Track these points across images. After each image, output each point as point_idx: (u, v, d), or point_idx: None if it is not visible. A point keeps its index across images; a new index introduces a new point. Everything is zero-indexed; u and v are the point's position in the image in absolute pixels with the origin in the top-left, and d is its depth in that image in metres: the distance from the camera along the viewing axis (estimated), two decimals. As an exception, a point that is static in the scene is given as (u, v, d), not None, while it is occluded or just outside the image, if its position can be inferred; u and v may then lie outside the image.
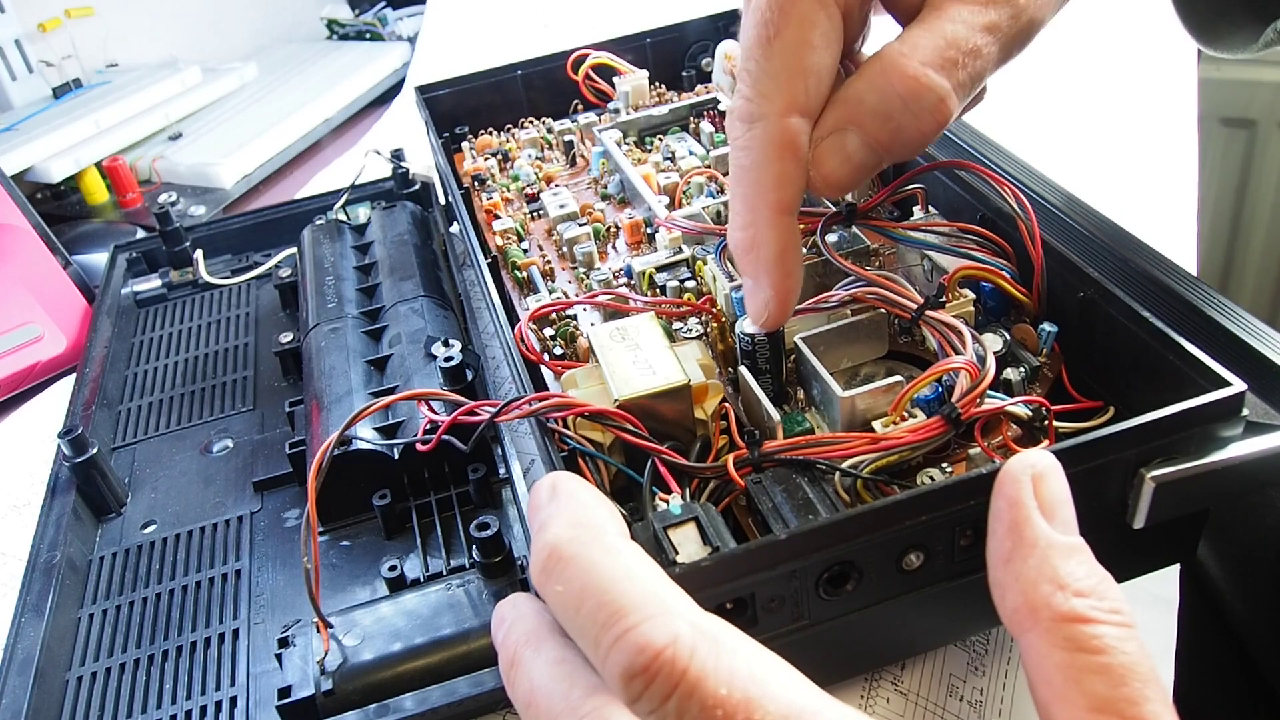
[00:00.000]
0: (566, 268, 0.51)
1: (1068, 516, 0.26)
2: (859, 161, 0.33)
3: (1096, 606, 0.24)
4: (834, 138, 0.33)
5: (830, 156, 0.33)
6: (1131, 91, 0.76)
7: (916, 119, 0.32)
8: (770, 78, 0.33)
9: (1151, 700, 0.22)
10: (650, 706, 0.23)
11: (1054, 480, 0.26)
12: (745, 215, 0.34)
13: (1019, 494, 0.26)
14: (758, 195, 0.34)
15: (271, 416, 0.54)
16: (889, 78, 0.32)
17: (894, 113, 0.32)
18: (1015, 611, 0.25)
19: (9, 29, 0.88)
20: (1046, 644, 0.24)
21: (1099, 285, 0.36)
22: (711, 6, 0.68)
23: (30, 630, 0.41)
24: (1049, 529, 0.25)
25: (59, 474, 0.49)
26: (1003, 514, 0.26)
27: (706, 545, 0.30)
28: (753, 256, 0.35)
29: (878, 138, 0.33)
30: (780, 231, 0.34)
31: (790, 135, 0.33)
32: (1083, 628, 0.23)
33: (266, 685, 0.39)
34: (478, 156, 0.63)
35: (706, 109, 0.61)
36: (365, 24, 1.09)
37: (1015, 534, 0.25)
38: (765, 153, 0.33)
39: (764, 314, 0.36)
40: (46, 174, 0.81)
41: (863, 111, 0.32)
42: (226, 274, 0.66)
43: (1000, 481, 0.26)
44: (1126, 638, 0.23)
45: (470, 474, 0.45)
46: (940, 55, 0.31)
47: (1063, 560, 0.25)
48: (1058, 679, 0.23)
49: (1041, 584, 0.24)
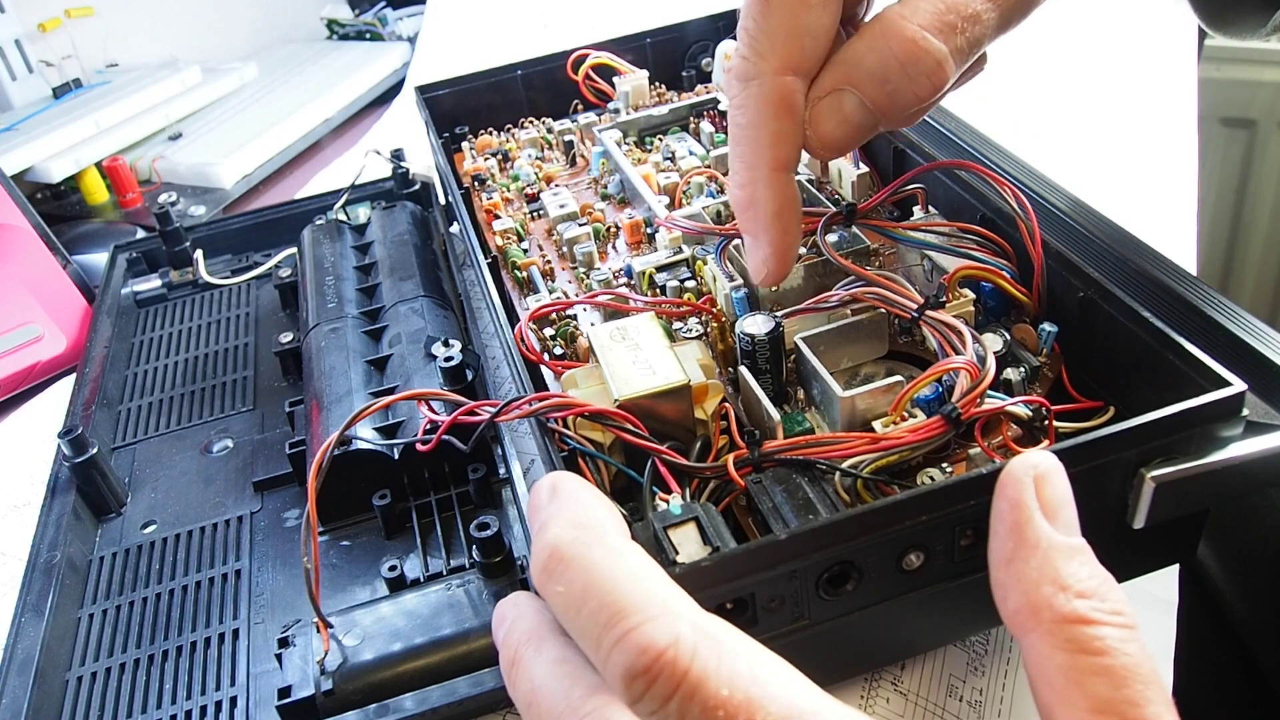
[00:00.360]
0: (566, 268, 0.51)
1: (1070, 518, 0.26)
2: (856, 123, 0.33)
3: (1098, 608, 0.24)
4: (831, 98, 0.33)
5: (827, 117, 0.34)
6: (1131, 91, 0.76)
7: (913, 82, 0.32)
8: (767, 36, 0.33)
9: (1153, 702, 0.22)
10: (652, 707, 0.23)
11: (1056, 481, 0.26)
12: (743, 173, 0.35)
13: (1021, 495, 0.26)
14: (754, 153, 0.34)
15: (271, 416, 0.54)
16: (888, 40, 0.32)
17: (891, 75, 0.32)
18: (1017, 613, 0.25)
19: (9, 29, 0.88)
20: (1048, 645, 0.24)
21: (1099, 285, 0.36)
22: (711, 6, 0.68)
23: (30, 630, 0.41)
24: (1051, 530, 0.25)
25: (59, 474, 0.49)
26: (1005, 515, 0.26)
27: (706, 545, 0.30)
28: (751, 214, 0.35)
29: (875, 99, 0.33)
30: (777, 189, 0.34)
31: (786, 93, 0.33)
32: (1085, 629, 0.23)
33: (266, 685, 0.39)
34: (478, 156, 0.63)
35: (706, 109, 0.61)
36: (365, 24, 1.09)
37: (1017, 535, 0.25)
38: (761, 111, 0.33)
39: (762, 270, 0.36)
40: (46, 174, 0.81)
41: (861, 73, 0.33)
42: (226, 274, 0.66)
43: (1002, 482, 0.26)
44: (1128, 639, 0.23)
45: (470, 474, 0.45)
46: (939, 19, 0.32)
47: (1065, 561, 0.25)
48: (1059, 680, 0.23)
49: (1043, 585, 0.24)
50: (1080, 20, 0.81)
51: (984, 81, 0.36)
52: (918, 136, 0.48)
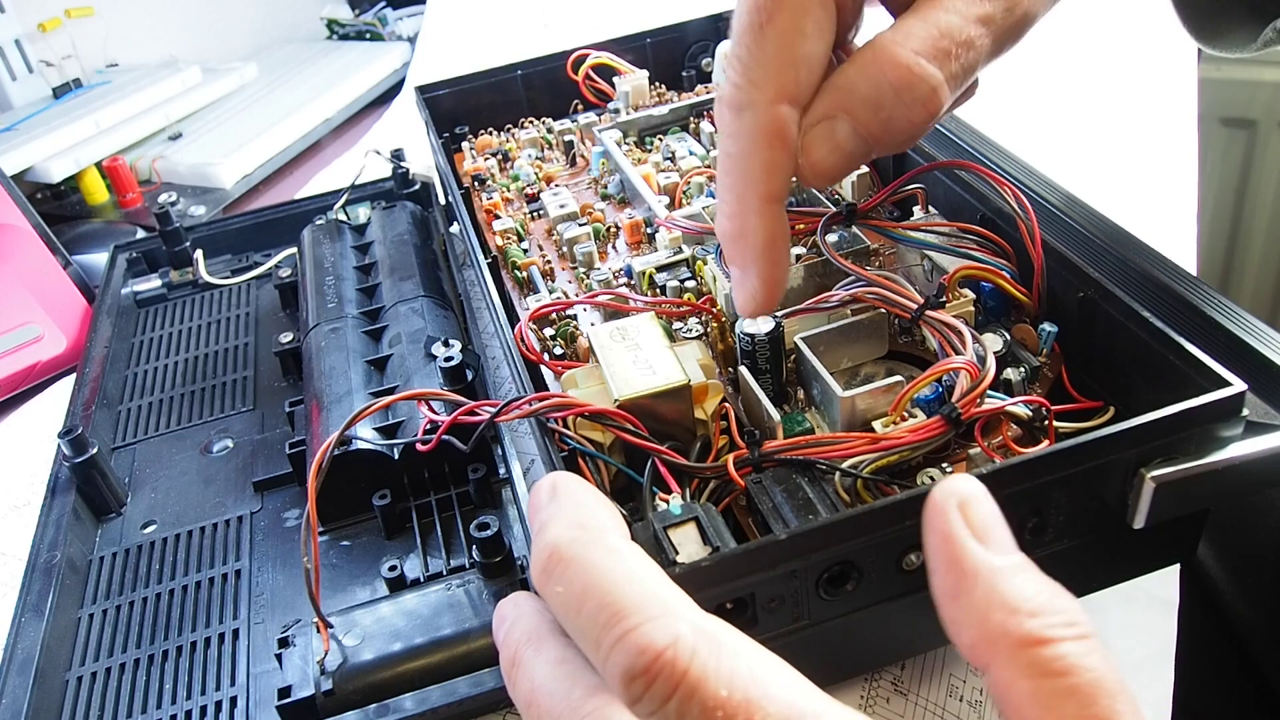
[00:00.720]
0: (566, 268, 0.51)
1: (1003, 537, 0.25)
2: (848, 150, 0.33)
3: (1051, 623, 0.23)
4: (824, 125, 0.33)
5: (819, 144, 0.33)
6: (1131, 91, 0.76)
7: (908, 109, 0.32)
8: (761, 65, 0.32)
9: (1123, 715, 0.22)
10: (651, 707, 0.23)
11: (981, 503, 0.25)
12: (733, 205, 0.34)
13: (949, 526, 0.25)
14: (745, 184, 0.33)
15: (271, 416, 0.54)
16: (881, 66, 0.31)
17: (885, 102, 0.32)
18: (973, 646, 0.24)
19: (9, 29, 0.88)
20: (1010, 674, 0.23)
21: (1099, 285, 0.36)
22: (711, 6, 0.68)
23: (30, 630, 0.41)
24: (986, 554, 0.24)
25: (59, 474, 0.49)
26: (938, 549, 0.25)
27: (706, 545, 0.30)
28: (739, 245, 0.34)
29: (868, 127, 0.32)
30: (768, 221, 0.34)
31: (779, 124, 0.32)
32: (1042, 650, 0.22)
33: (266, 685, 0.39)
34: (478, 156, 0.63)
35: (706, 109, 0.61)
36: (365, 24, 1.09)
37: (955, 567, 0.24)
38: (754, 141, 0.33)
39: (750, 303, 0.35)
40: (46, 174, 0.81)
41: (854, 100, 0.32)
42: (226, 274, 0.66)
43: (927, 516, 0.25)
44: (1088, 651, 0.22)
45: (470, 474, 0.45)
46: (933, 45, 0.31)
47: (1008, 582, 0.24)
48: (1027, 707, 0.22)
49: (992, 612, 0.23)
50: (1080, 20, 0.81)
51: (984, 81, 0.36)
52: (918, 136, 0.48)
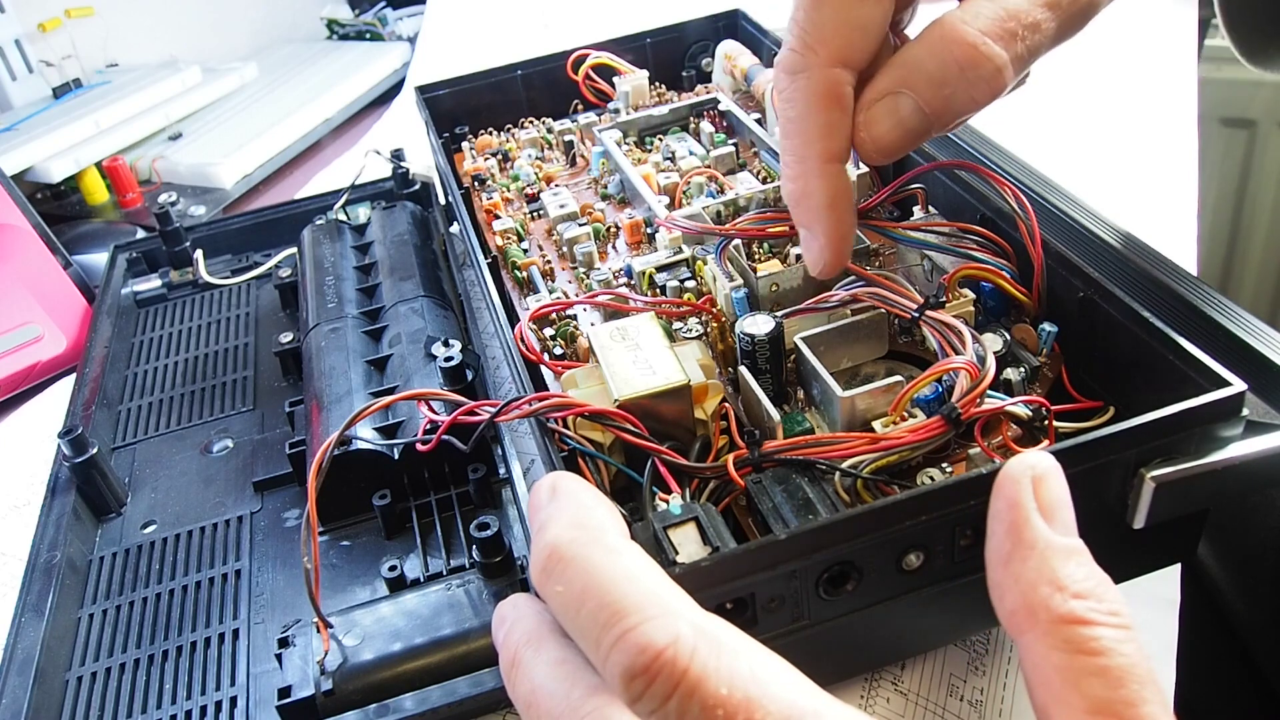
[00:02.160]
0: (566, 268, 0.51)
1: (1067, 518, 0.26)
2: (910, 126, 0.33)
3: (1095, 608, 0.24)
4: (887, 100, 0.33)
5: (883, 119, 0.34)
6: (1131, 91, 0.77)
7: (971, 87, 0.32)
8: (817, 28, 0.33)
9: (1150, 702, 0.22)
10: (651, 707, 0.23)
11: (1054, 482, 0.26)
12: (794, 166, 0.35)
13: (1018, 495, 0.26)
14: (804, 145, 0.34)
15: (271, 416, 0.54)
16: (948, 44, 0.32)
17: (950, 79, 0.32)
18: (1014, 613, 0.25)
19: (9, 29, 0.88)
20: (1045, 646, 0.24)
21: (1099, 285, 0.36)
22: (711, 6, 0.68)
23: (30, 630, 0.41)
24: (1048, 531, 0.25)
25: (59, 474, 0.49)
26: (1002, 515, 0.26)
27: (706, 545, 0.30)
28: (804, 206, 0.35)
29: (931, 103, 0.33)
30: (829, 180, 0.34)
31: (835, 85, 0.33)
32: (1081, 629, 0.23)
33: (266, 685, 0.39)
34: (478, 156, 0.63)
35: (706, 109, 0.61)
36: (365, 24, 1.09)
37: (1014, 535, 0.25)
38: (810, 104, 0.34)
39: (820, 262, 0.36)
40: (46, 174, 0.81)
41: (919, 76, 0.33)
42: (226, 274, 0.66)
43: (1000, 483, 0.26)
44: (1125, 639, 0.23)
45: (470, 474, 0.45)
46: (1001, 25, 0.32)
47: (1062, 562, 0.25)
48: (1056, 681, 0.23)
49: (1040, 585, 0.24)
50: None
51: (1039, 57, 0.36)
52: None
